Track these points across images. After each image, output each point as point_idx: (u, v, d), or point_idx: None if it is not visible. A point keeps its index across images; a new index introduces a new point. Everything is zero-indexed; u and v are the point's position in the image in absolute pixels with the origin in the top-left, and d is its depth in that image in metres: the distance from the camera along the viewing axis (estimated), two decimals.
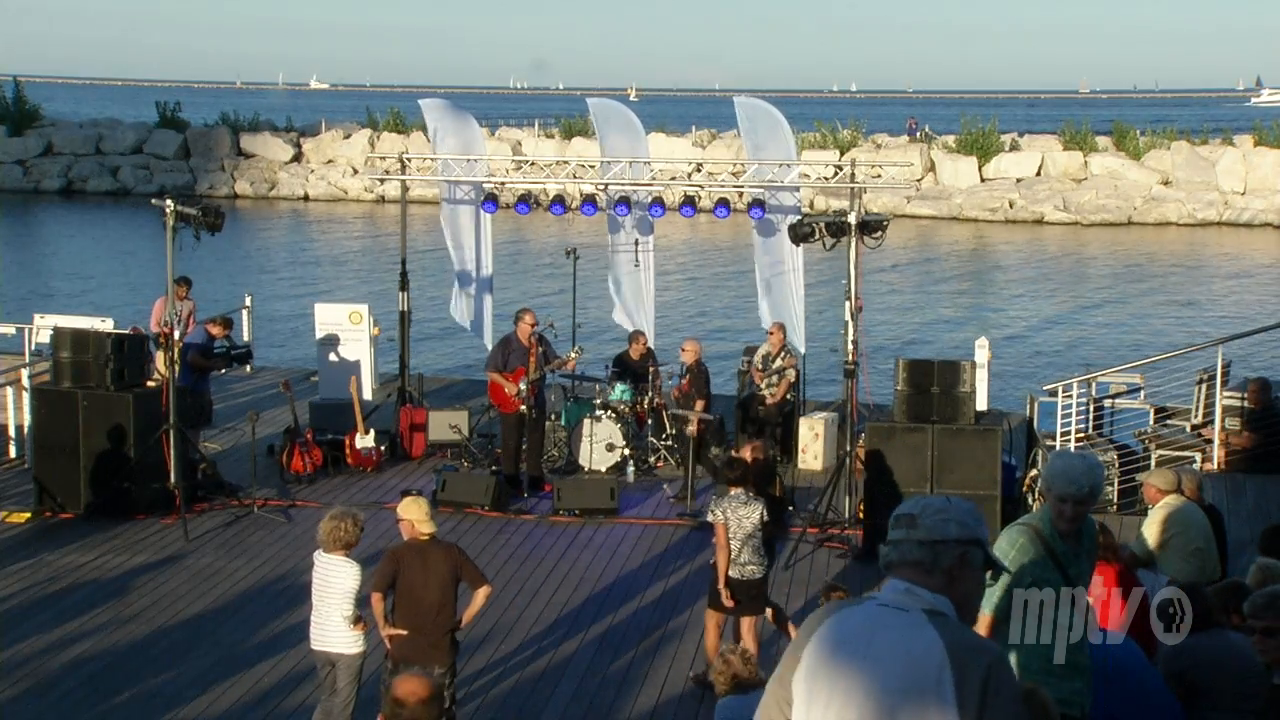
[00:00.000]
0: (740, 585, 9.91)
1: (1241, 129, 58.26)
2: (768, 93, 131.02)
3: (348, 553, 8.81)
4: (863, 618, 3.99)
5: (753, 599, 10.00)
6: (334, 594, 8.74)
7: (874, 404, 16.58)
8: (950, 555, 3.99)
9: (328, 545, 8.79)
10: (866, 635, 3.93)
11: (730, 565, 9.84)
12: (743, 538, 9.84)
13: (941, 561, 3.99)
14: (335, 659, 8.81)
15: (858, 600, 4.19)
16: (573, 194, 18.16)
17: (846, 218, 14.10)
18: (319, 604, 8.82)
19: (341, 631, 8.77)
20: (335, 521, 8.79)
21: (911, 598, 3.95)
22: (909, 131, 60.26)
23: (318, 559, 8.87)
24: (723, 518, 9.84)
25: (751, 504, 9.89)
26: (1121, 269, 42.43)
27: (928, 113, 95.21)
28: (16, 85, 62.20)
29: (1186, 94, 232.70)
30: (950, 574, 3.98)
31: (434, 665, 8.57)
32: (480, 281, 18.07)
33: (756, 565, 9.93)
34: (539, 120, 66.90)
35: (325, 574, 8.79)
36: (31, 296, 33.26)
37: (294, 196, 57.78)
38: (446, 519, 13.47)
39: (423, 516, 8.71)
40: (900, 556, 4.04)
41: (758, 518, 9.86)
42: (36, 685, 10.21)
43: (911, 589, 3.96)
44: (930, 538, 4.01)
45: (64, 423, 14.16)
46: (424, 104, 18.96)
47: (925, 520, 4.05)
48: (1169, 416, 16.63)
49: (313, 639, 8.91)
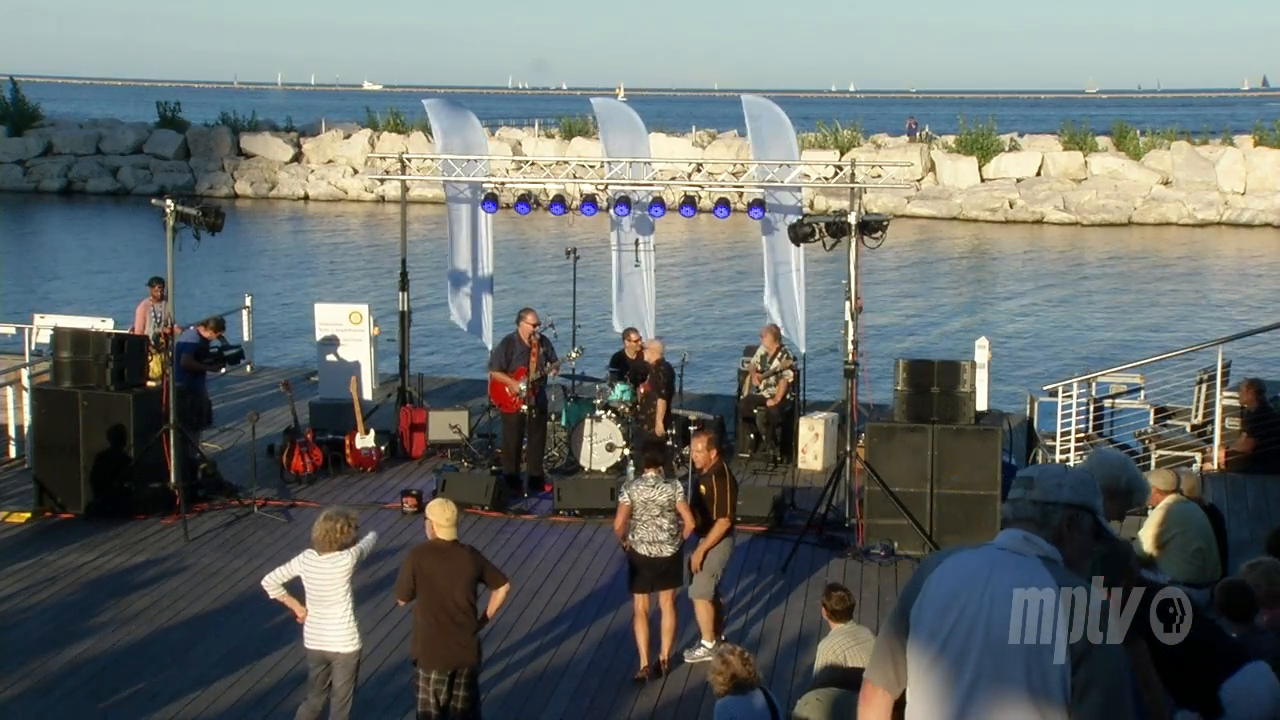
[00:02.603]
0: (649, 562, 10.35)
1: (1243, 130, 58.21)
2: (768, 93, 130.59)
3: (341, 552, 8.81)
4: (982, 559, 4.32)
5: (662, 574, 10.42)
6: (333, 590, 8.74)
7: (874, 404, 16.58)
8: (1059, 516, 4.32)
9: (322, 546, 8.77)
10: (985, 574, 4.23)
11: (639, 543, 10.34)
12: (648, 518, 10.27)
13: (1051, 521, 4.32)
14: (331, 657, 8.81)
15: (975, 545, 4.46)
16: (573, 194, 18.15)
17: (846, 218, 14.10)
18: (315, 604, 8.81)
19: (339, 630, 8.77)
20: (330, 523, 8.78)
21: (1029, 545, 4.27)
22: (909, 131, 60.28)
23: (311, 560, 8.83)
24: (627, 499, 10.38)
25: (659, 486, 10.36)
26: (1121, 269, 42.43)
27: (931, 113, 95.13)
28: (16, 85, 62.22)
29: (1189, 94, 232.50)
30: (1059, 533, 4.31)
31: (462, 666, 8.61)
32: (480, 281, 18.07)
33: (665, 543, 10.34)
34: (539, 120, 66.90)
35: (321, 573, 8.77)
36: (31, 297, 33.28)
37: (294, 196, 57.77)
38: None
39: (443, 521, 8.70)
40: (1015, 513, 4.38)
41: (664, 499, 10.29)
42: (36, 685, 10.22)
43: (1029, 537, 4.28)
44: (1043, 499, 4.34)
45: (64, 423, 14.17)
46: (427, 104, 18.99)
47: (1041, 483, 4.38)
48: (1169, 416, 16.63)
49: (308, 637, 8.90)
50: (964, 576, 4.26)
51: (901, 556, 13.19)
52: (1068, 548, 4.32)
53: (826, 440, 16.38)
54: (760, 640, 11.23)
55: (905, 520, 13.32)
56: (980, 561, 4.30)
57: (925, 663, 4.25)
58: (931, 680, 4.24)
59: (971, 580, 4.24)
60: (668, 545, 10.35)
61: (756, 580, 12.66)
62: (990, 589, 4.19)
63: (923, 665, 4.26)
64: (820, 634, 9.19)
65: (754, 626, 11.60)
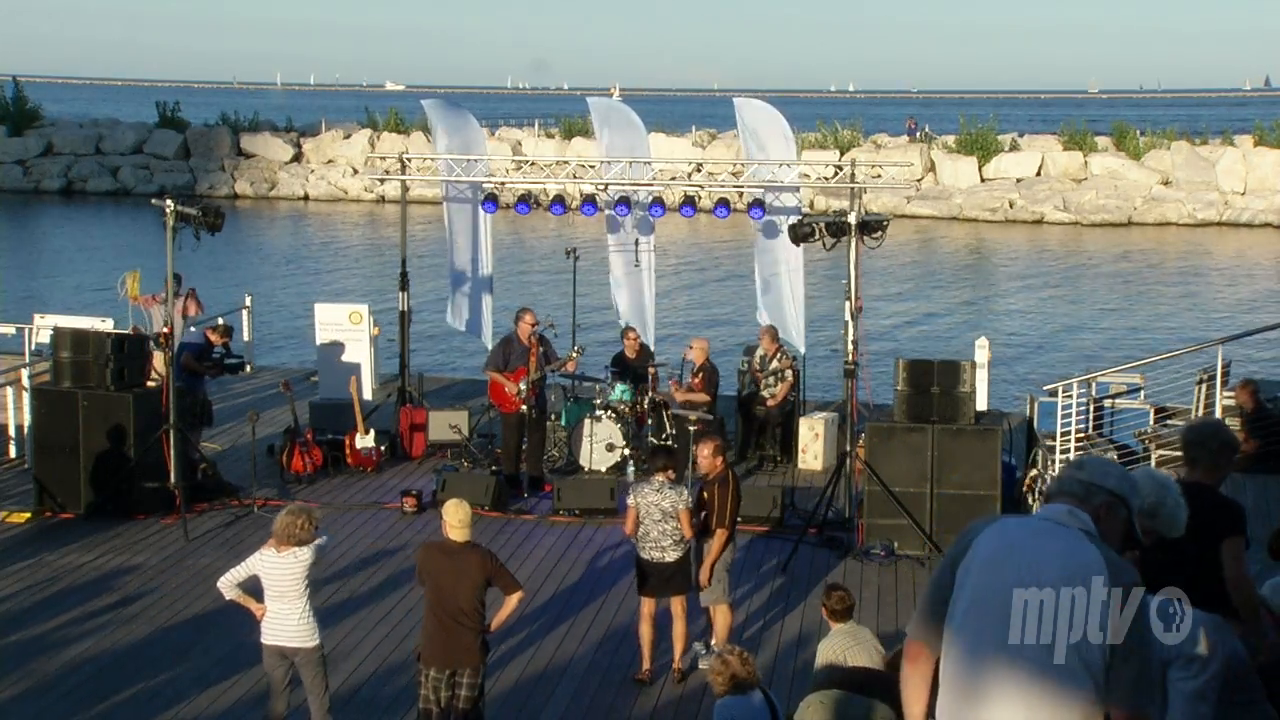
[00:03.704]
0: (653, 566, 10.29)
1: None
2: (768, 93, 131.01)
3: (301, 548, 8.78)
4: (1028, 526, 4.61)
5: (668, 580, 10.34)
6: (293, 586, 8.70)
7: (874, 404, 16.57)
8: (1100, 497, 4.57)
9: (281, 540, 8.71)
10: (1033, 538, 4.48)
11: (644, 549, 10.31)
12: (651, 523, 10.21)
13: (1092, 500, 4.56)
14: (292, 654, 8.77)
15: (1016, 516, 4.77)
16: (573, 194, 18.14)
17: (846, 218, 14.10)
18: (275, 600, 8.75)
19: (300, 626, 8.73)
20: (292, 517, 8.74)
21: (1073, 518, 4.50)
22: (909, 131, 60.30)
23: (269, 557, 8.75)
24: (634, 502, 10.30)
25: (664, 491, 10.23)
26: (1121, 269, 42.43)
27: (932, 113, 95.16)
28: (16, 85, 62.20)
29: (1191, 94, 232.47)
30: (1098, 514, 4.54)
31: (464, 667, 8.59)
32: (480, 281, 18.06)
33: (668, 548, 10.25)
34: (539, 120, 66.90)
35: (280, 569, 8.71)
36: (31, 297, 33.27)
37: (294, 196, 57.78)
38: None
39: (455, 522, 8.66)
40: (1061, 488, 4.64)
41: (668, 505, 10.19)
42: (36, 685, 10.22)
43: (1074, 511, 4.52)
44: (1089, 479, 4.60)
45: (64, 423, 14.17)
46: (426, 104, 18.98)
47: (1090, 465, 4.69)
48: (1169, 416, 16.61)
49: (266, 634, 8.82)
50: (1011, 541, 4.47)
51: (901, 556, 13.20)
52: (1103, 528, 4.52)
53: (826, 440, 16.38)
54: (760, 640, 11.23)
55: (905, 520, 13.32)
56: (1026, 529, 4.55)
57: (968, 622, 4.42)
58: (971, 639, 4.41)
59: (1018, 546, 4.45)
60: (670, 551, 10.27)
61: (756, 580, 12.66)
62: (1039, 551, 4.39)
63: (965, 624, 4.43)
64: (820, 634, 9.18)
65: (754, 626, 11.59)
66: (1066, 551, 4.37)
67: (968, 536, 4.56)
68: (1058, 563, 4.34)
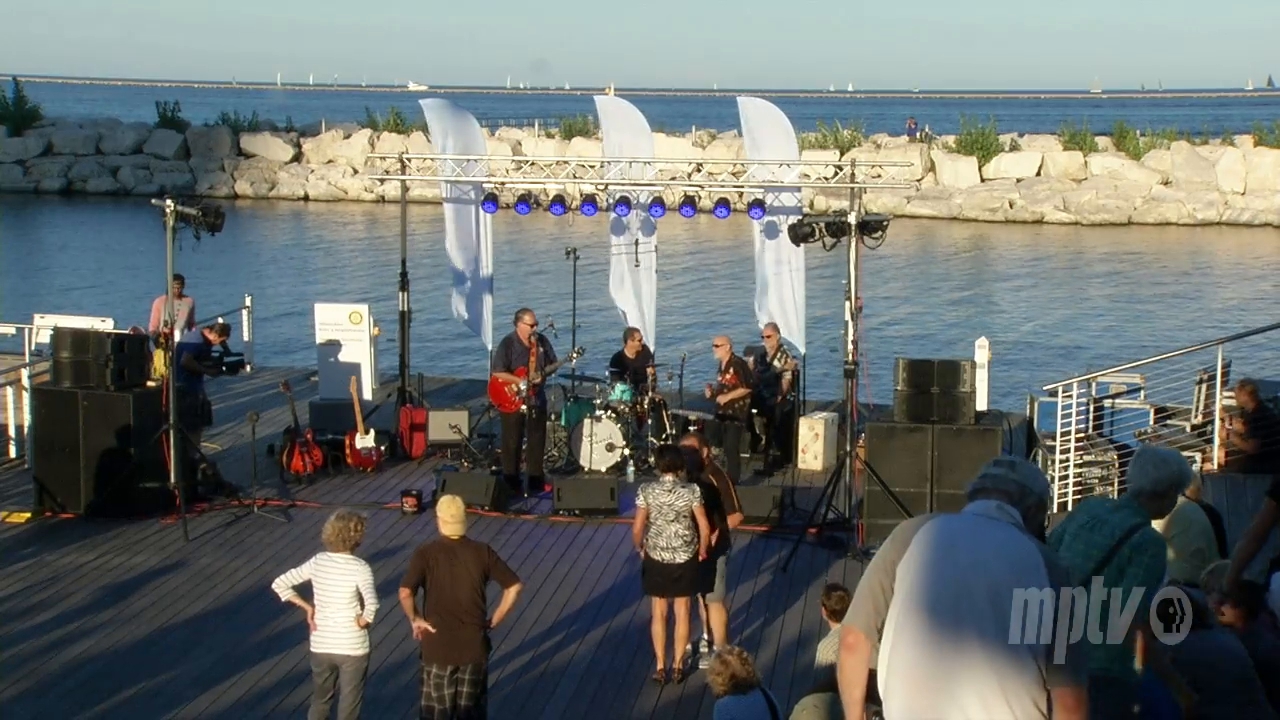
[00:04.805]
0: (663, 568, 10.22)
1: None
2: (768, 93, 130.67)
3: (354, 553, 8.80)
4: (964, 522, 4.81)
5: (675, 581, 10.26)
6: (342, 595, 8.72)
7: (874, 404, 16.57)
8: (1031, 500, 4.87)
9: (335, 545, 8.76)
10: (970, 534, 4.71)
11: (654, 549, 10.19)
12: (664, 523, 10.13)
13: (1025, 501, 4.84)
14: (340, 661, 8.78)
15: (949, 514, 4.93)
16: (573, 194, 18.15)
17: (846, 218, 14.10)
18: (324, 606, 8.77)
19: (348, 633, 8.74)
20: (343, 522, 8.78)
21: (1004, 513, 4.76)
22: (909, 131, 60.28)
23: (323, 560, 8.83)
24: (644, 503, 10.20)
25: (675, 491, 10.14)
26: (1121, 269, 42.43)
27: (933, 113, 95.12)
28: (16, 85, 62.20)
29: (1193, 94, 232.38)
30: (1026, 513, 4.82)
31: (466, 664, 8.60)
32: (480, 281, 18.07)
33: (679, 549, 10.16)
34: (539, 120, 66.90)
35: (332, 574, 8.75)
36: (31, 297, 33.26)
37: (294, 196, 57.78)
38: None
39: (448, 518, 8.69)
40: (994, 484, 4.87)
41: (681, 504, 10.11)
42: (36, 685, 10.22)
43: (1003, 506, 4.78)
44: (1024, 482, 4.88)
45: (64, 423, 14.17)
46: (425, 104, 18.97)
47: (1022, 469, 4.95)
48: (1169, 416, 16.60)
49: (315, 641, 8.85)
50: (949, 536, 4.70)
51: None
52: (1030, 526, 4.80)
53: (826, 440, 16.38)
54: (760, 640, 11.23)
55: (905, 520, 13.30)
56: (962, 525, 4.79)
57: (912, 617, 4.60)
58: (926, 631, 4.58)
59: (959, 539, 4.69)
60: (681, 551, 10.18)
61: (756, 580, 12.66)
62: (978, 546, 4.63)
63: (909, 619, 4.61)
64: (820, 634, 9.19)
65: (754, 626, 11.59)
66: (1007, 541, 4.62)
67: (904, 533, 4.77)
68: (1001, 553, 4.58)
